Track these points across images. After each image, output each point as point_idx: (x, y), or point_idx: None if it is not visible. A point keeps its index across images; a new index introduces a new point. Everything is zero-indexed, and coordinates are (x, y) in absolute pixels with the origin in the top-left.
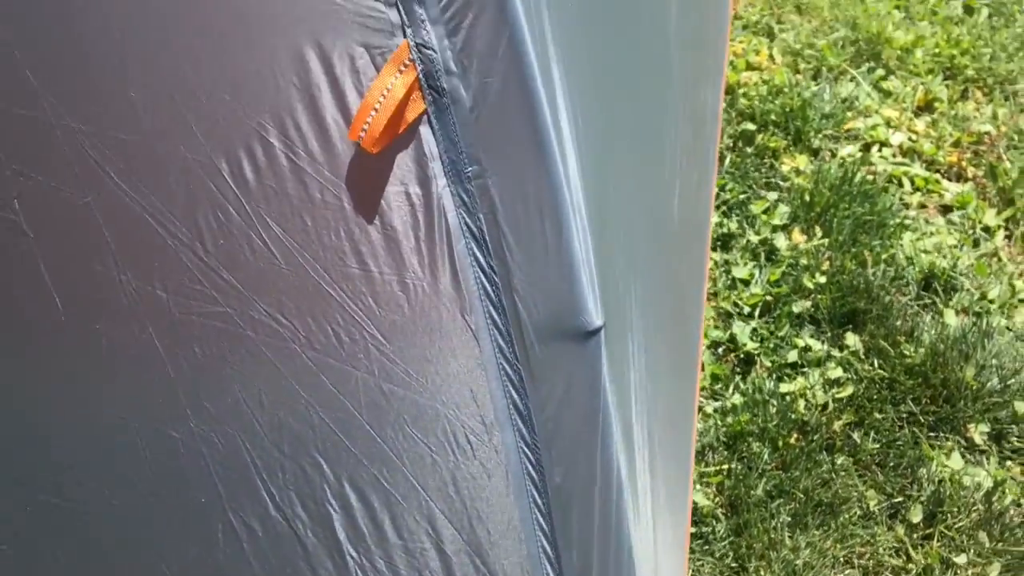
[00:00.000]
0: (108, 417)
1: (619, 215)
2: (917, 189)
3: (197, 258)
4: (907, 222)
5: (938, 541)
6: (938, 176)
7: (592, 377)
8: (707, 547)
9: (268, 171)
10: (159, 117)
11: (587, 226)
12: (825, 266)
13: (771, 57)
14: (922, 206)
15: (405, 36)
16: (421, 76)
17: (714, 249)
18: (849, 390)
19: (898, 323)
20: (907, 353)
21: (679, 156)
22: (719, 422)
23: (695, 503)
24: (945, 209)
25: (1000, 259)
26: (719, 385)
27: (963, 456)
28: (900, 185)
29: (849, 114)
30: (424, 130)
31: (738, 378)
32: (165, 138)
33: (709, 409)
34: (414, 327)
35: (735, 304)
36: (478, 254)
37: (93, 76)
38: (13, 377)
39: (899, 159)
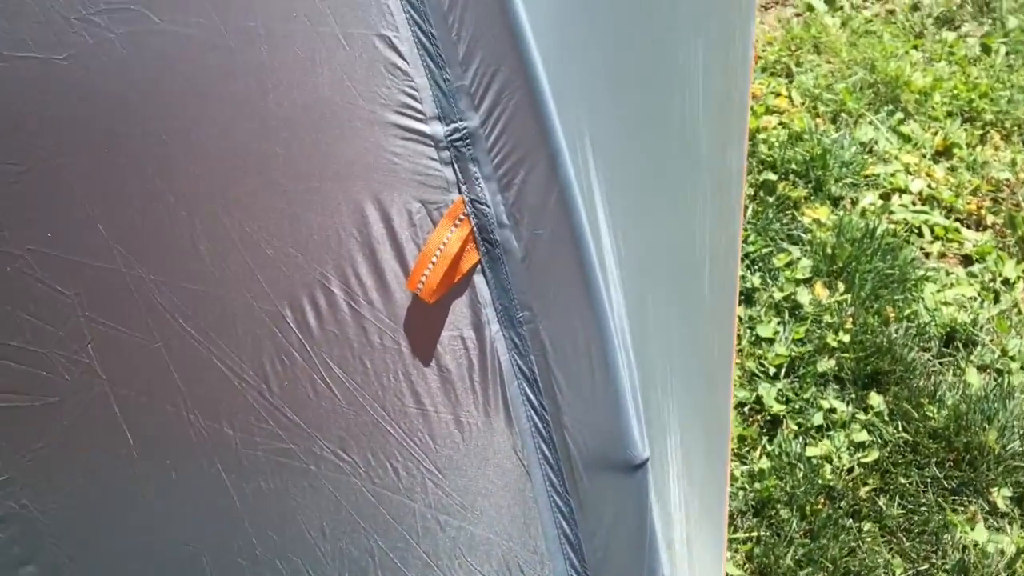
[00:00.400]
0: (178, 545)
1: (658, 319)
2: (937, 238)
3: (263, 399)
4: (928, 273)
5: None
6: (958, 224)
7: (639, 506)
8: None
9: (330, 318)
10: (226, 268)
11: (633, 360)
12: (848, 324)
13: (790, 99)
14: (942, 255)
15: (460, 192)
16: (475, 229)
17: (738, 303)
18: (874, 455)
19: (921, 383)
20: (930, 415)
21: (708, 233)
22: (747, 486)
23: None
24: (965, 259)
25: (1021, 311)
26: (746, 448)
27: (986, 519)
28: (920, 235)
29: (868, 159)
30: (478, 279)
31: (765, 439)
32: (231, 287)
33: (737, 472)
34: (469, 462)
35: (760, 363)
36: (530, 394)
37: (163, 229)
38: (88, 506)
39: (918, 207)
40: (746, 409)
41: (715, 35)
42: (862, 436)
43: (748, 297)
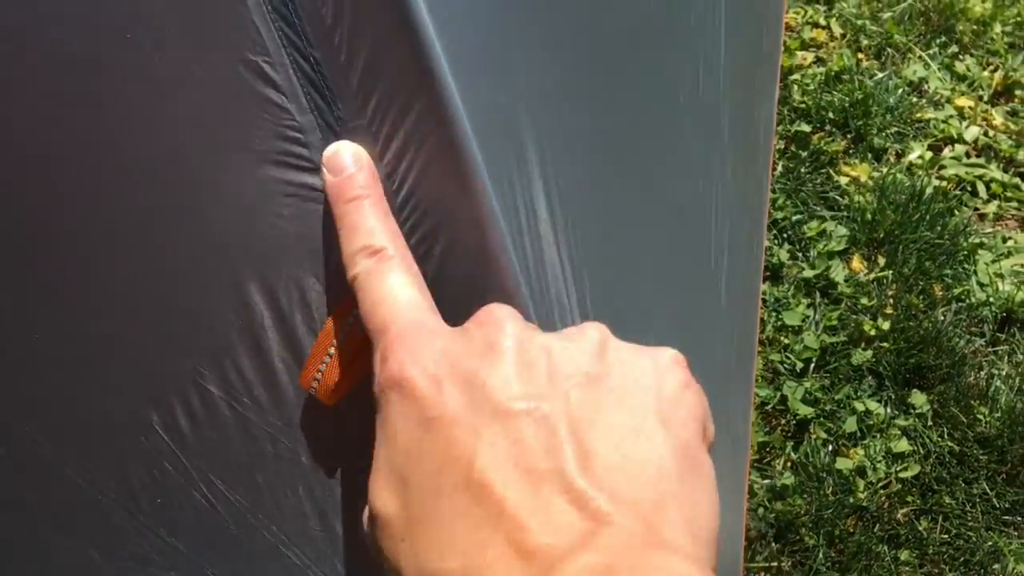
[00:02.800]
0: None
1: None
2: (993, 196)
3: (133, 518)
4: (983, 240)
5: None
6: (1018, 180)
7: None
8: None
9: (207, 421)
10: (74, 361)
11: None
12: (888, 307)
13: (829, 31)
14: (998, 217)
15: None
16: None
17: (764, 279)
18: (915, 469)
19: (971, 378)
20: (981, 418)
21: (729, 220)
22: (768, 503)
23: None
24: None
25: None
26: (768, 457)
27: None
28: (974, 193)
29: (917, 102)
30: None
31: (790, 447)
32: (82, 385)
33: (756, 487)
34: None
35: (786, 356)
36: None
37: None
38: None
39: (973, 160)
40: (769, 409)
41: None
42: (901, 445)
43: (775, 274)
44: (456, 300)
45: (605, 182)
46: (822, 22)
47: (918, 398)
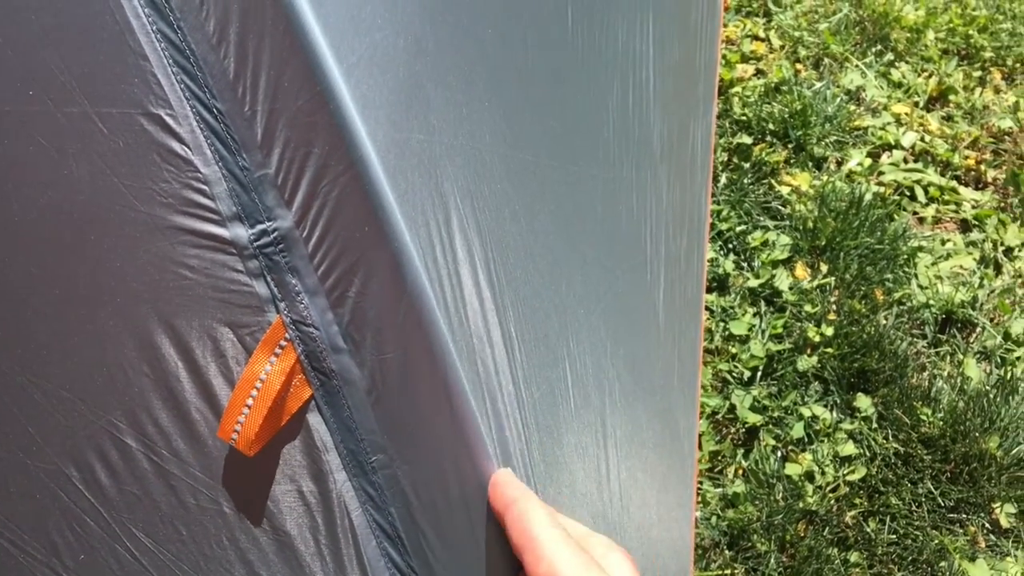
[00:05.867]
0: None
1: (583, 388)
2: (932, 200)
3: (55, 575)
4: (922, 243)
5: None
6: (954, 183)
7: None
8: None
9: (127, 475)
10: None
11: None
12: (832, 314)
13: (768, 43)
14: (937, 221)
15: (278, 312)
16: (303, 357)
17: (709, 291)
18: (861, 471)
19: (914, 380)
20: (924, 419)
21: (665, 239)
22: (720, 512)
23: None
24: (963, 224)
25: None
26: (720, 466)
27: (987, 539)
28: (912, 197)
29: (855, 110)
30: (313, 418)
31: (740, 455)
32: None
33: (709, 495)
34: None
35: (734, 365)
36: (393, 554)
37: None
38: None
39: (911, 165)
40: (719, 418)
41: None
42: (848, 449)
43: (721, 284)
44: (374, 341)
45: (528, 208)
46: (761, 34)
47: (863, 401)
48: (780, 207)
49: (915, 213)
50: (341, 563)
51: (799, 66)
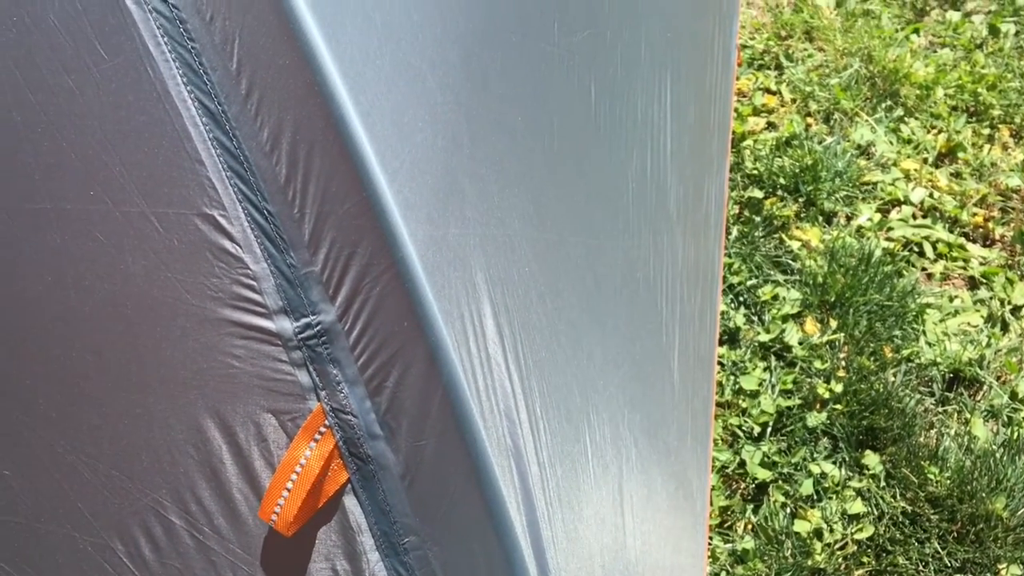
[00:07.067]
0: None
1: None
2: (940, 256)
3: None
4: (930, 300)
5: None
6: (962, 240)
7: None
8: None
9: (170, 550)
10: (37, 494)
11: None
12: (841, 370)
13: (779, 96)
14: (945, 277)
15: (319, 400)
16: (341, 443)
17: (720, 344)
18: (869, 530)
19: (921, 439)
20: (932, 478)
21: (680, 300)
22: (729, 568)
23: None
24: (971, 281)
25: None
26: (729, 521)
27: None
28: (921, 253)
29: (865, 165)
30: (349, 500)
31: (750, 510)
32: (46, 517)
33: (719, 551)
34: None
35: (744, 419)
36: None
37: None
38: None
39: (919, 221)
40: (729, 472)
41: (687, 57)
42: (856, 506)
43: (732, 338)
44: (409, 429)
45: (553, 287)
46: (773, 87)
47: (871, 459)
48: (790, 261)
49: (924, 269)
50: None
51: (810, 120)
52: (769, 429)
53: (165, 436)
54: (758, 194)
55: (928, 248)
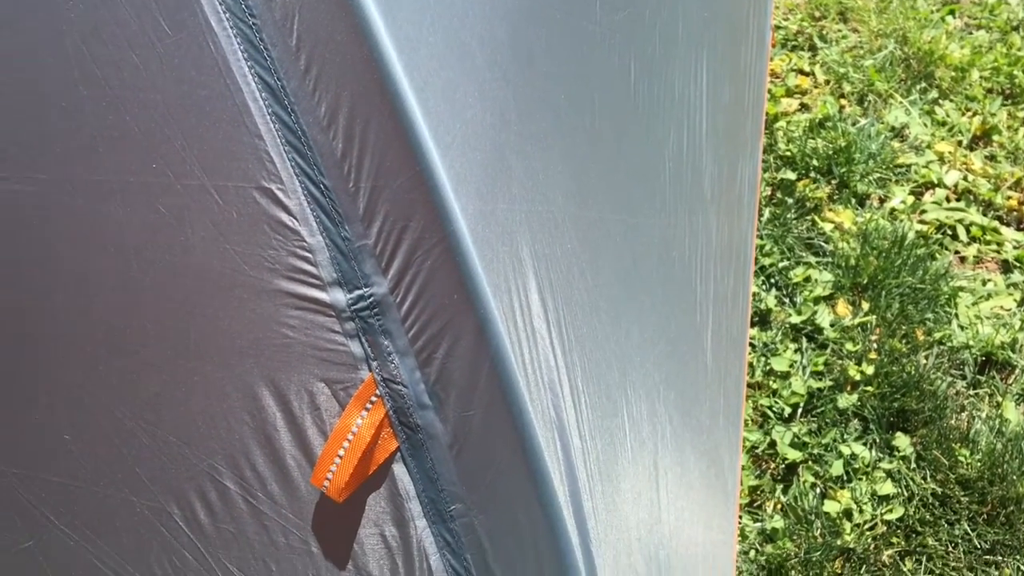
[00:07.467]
0: None
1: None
2: (973, 239)
3: None
4: (963, 283)
5: None
6: (996, 223)
7: None
8: None
9: (224, 514)
10: (97, 459)
11: (595, 553)
12: (873, 353)
13: (813, 77)
14: (978, 260)
15: (370, 370)
16: (391, 413)
17: (752, 325)
18: (899, 511)
19: (952, 421)
20: (962, 460)
21: (714, 281)
22: (759, 546)
23: None
24: (1004, 265)
25: None
26: (758, 500)
27: None
28: (954, 236)
29: (899, 147)
30: (398, 468)
31: (779, 490)
32: (105, 481)
33: (748, 530)
34: None
35: (774, 400)
36: None
37: (19, 417)
38: None
39: (953, 204)
40: (759, 452)
41: (723, 36)
42: (886, 488)
43: (763, 319)
44: (457, 400)
45: (593, 264)
46: (806, 68)
47: (902, 441)
48: (823, 243)
49: (957, 252)
50: None
51: (843, 102)
52: (800, 410)
53: (221, 403)
54: (791, 176)
55: (961, 231)
